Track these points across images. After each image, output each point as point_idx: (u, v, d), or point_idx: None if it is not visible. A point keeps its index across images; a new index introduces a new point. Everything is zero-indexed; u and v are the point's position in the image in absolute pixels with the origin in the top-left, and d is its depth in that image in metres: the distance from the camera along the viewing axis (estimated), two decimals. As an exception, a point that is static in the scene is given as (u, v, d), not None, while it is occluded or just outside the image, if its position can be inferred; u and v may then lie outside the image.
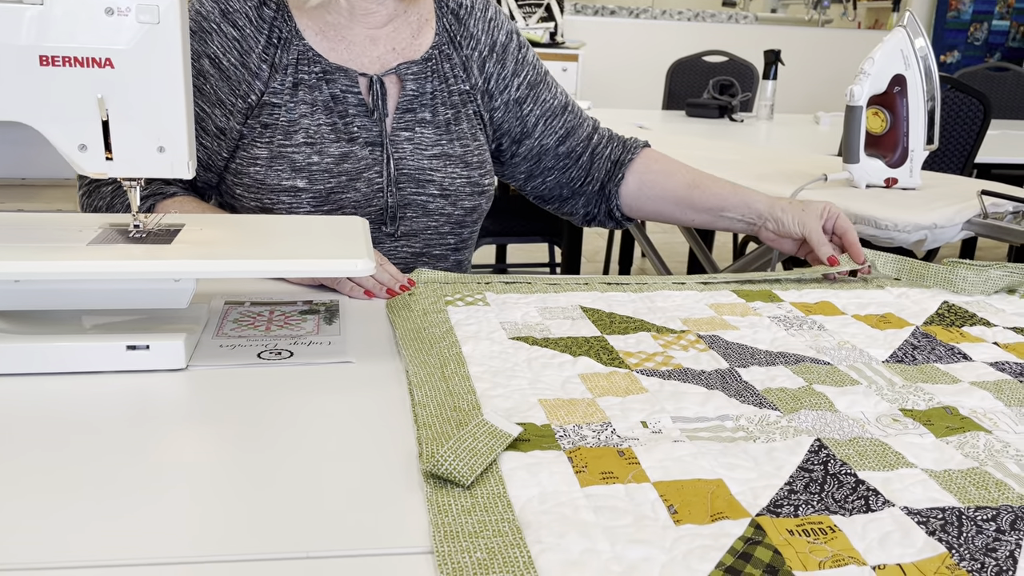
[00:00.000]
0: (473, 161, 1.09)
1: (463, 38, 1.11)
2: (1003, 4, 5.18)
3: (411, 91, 1.07)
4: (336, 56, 1.04)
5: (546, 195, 1.22)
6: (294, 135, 1.01)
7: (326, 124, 1.02)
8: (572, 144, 1.18)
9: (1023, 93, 3.76)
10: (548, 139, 1.17)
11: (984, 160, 2.46)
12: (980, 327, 0.87)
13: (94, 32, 0.68)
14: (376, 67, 1.06)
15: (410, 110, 1.06)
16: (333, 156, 1.01)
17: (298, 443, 0.59)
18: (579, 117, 1.19)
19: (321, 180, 1.01)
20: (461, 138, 1.09)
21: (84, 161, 0.71)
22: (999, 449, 0.60)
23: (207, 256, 0.70)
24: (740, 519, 0.50)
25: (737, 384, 0.70)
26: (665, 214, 1.17)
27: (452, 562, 0.46)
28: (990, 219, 1.25)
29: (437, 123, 1.08)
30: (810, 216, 1.04)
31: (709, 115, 2.95)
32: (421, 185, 1.06)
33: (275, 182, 1.00)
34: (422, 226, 1.07)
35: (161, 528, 0.48)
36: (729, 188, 1.11)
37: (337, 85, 1.03)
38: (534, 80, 1.16)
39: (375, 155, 1.03)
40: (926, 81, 1.44)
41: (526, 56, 1.16)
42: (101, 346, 0.68)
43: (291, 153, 1.00)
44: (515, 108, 1.15)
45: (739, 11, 5.39)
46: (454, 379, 0.68)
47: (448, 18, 1.12)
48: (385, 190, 1.04)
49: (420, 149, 1.06)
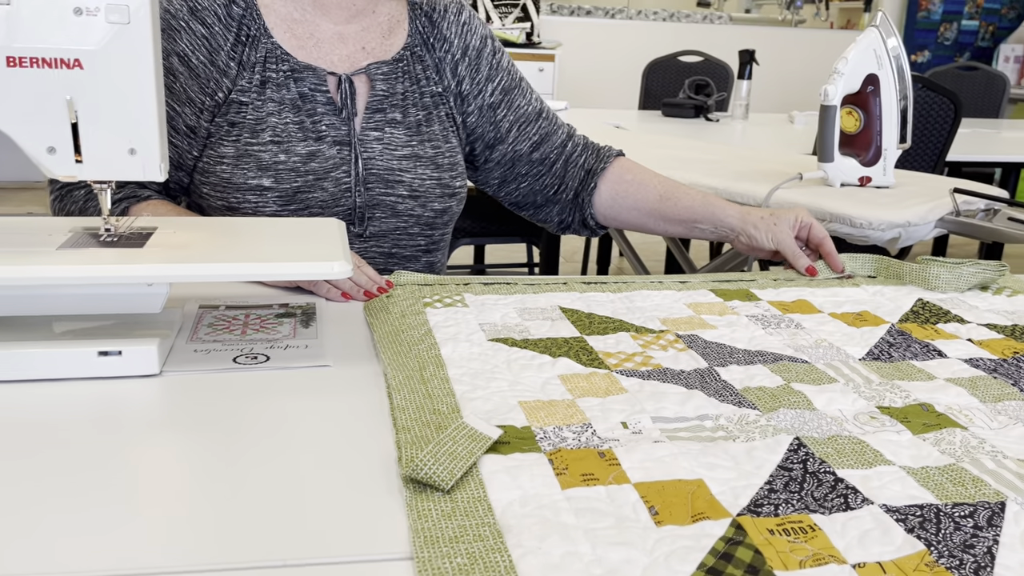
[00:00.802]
0: (444, 163, 1.09)
1: (436, 40, 1.11)
2: (972, 4, 5.25)
3: (381, 91, 1.06)
4: (304, 54, 1.04)
5: (520, 202, 1.21)
6: (261, 133, 1.00)
7: (293, 123, 1.01)
8: (546, 151, 1.17)
9: (992, 92, 3.81)
10: (522, 145, 1.16)
11: (955, 158, 2.49)
12: (954, 324, 0.88)
13: (63, 32, 0.66)
14: (345, 66, 1.06)
15: (380, 110, 1.06)
16: (300, 155, 1.01)
17: (275, 449, 0.58)
18: (553, 124, 1.19)
19: (287, 179, 1.00)
20: (432, 140, 1.08)
21: (53, 164, 0.70)
22: (975, 445, 0.61)
23: (180, 259, 0.69)
24: (721, 519, 0.50)
25: (716, 383, 0.70)
26: (639, 224, 1.17)
27: (432, 568, 0.45)
28: (962, 217, 1.27)
29: (408, 124, 1.07)
30: (782, 230, 1.04)
31: (685, 115, 2.97)
32: (390, 185, 1.05)
33: (241, 181, 1.00)
34: (391, 227, 1.07)
35: (134, 538, 0.47)
36: (700, 200, 1.10)
37: (305, 83, 1.02)
38: (508, 86, 1.16)
39: (343, 154, 1.03)
40: (898, 80, 1.45)
41: (500, 61, 1.16)
42: (72, 352, 0.67)
43: (258, 152, 1.00)
44: (489, 113, 1.14)
45: (713, 11, 5.43)
46: (433, 382, 0.68)
47: (421, 20, 1.11)
48: (353, 190, 1.03)
49: (390, 149, 1.05)
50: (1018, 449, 0.60)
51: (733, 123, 2.92)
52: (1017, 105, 5.13)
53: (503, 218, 2.62)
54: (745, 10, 5.97)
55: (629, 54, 4.91)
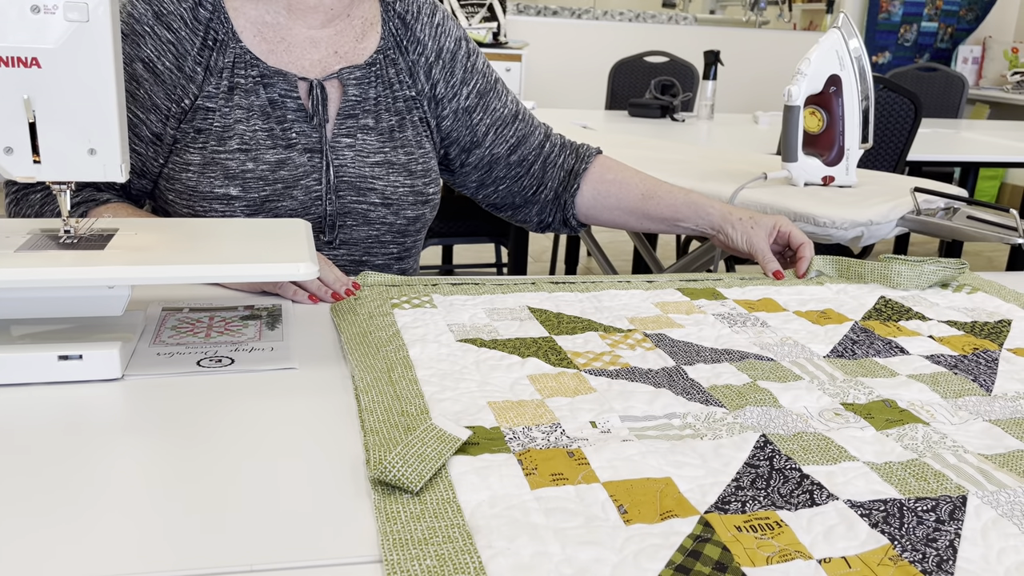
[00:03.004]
0: (417, 169, 1.07)
1: (410, 43, 1.09)
2: (931, 6, 5.35)
3: (353, 96, 1.04)
4: (275, 59, 1.02)
5: (498, 203, 1.20)
6: (228, 141, 0.98)
7: (262, 130, 0.99)
8: (524, 153, 1.17)
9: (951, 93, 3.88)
10: (499, 148, 1.15)
11: (915, 158, 2.54)
12: (916, 321, 0.89)
13: (20, 30, 0.65)
14: (317, 71, 1.03)
15: (352, 116, 1.04)
16: (269, 163, 0.99)
17: (240, 453, 0.57)
18: (530, 125, 1.18)
19: (255, 188, 0.98)
20: (405, 146, 1.07)
21: (10, 164, 0.68)
22: (936, 440, 0.62)
23: (142, 261, 0.67)
24: (689, 517, 0.51)
25: (683, 382, 0.70)
26: (621, 223, 1.17)
27: (402, 570, 0.45)
28: (923, 215, 1.29)
29: (380, 130, 1.06)
30: (758, 235, 1.05)
31: (651, 115, 2.98)
32: (362, 193, 1.04)
33: (207, 189, 0.98)
34: (363, 235, 1.05)
35: (97, 545, 0.47)
36: (682, 198, 1.11)
37: (275, 89, 1.00)
38: (484, 88, 1.14)
39: (314, 162, 1.01)
40: (860, 81, 1.47)
41: (475, 64, 1.14)
42: (31, 356, 0.65)
43: (224, 160, 0.98)
44: (464, 117, 1.13)
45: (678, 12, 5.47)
46: (401, 383, 0.67)
47: (395, 22, 1.09)
48: (324, 198, 1.01)
49: (362, 156, 1.04)
50: (979, 444, 0.62)
51: (698, 123, 2.94)
52: (975, 106, 5.24)
53: (471, 218, 2.62)
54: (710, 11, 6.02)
55: (595, 54, 4.93)
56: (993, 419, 0.66)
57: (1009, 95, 4.98)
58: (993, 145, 2.78)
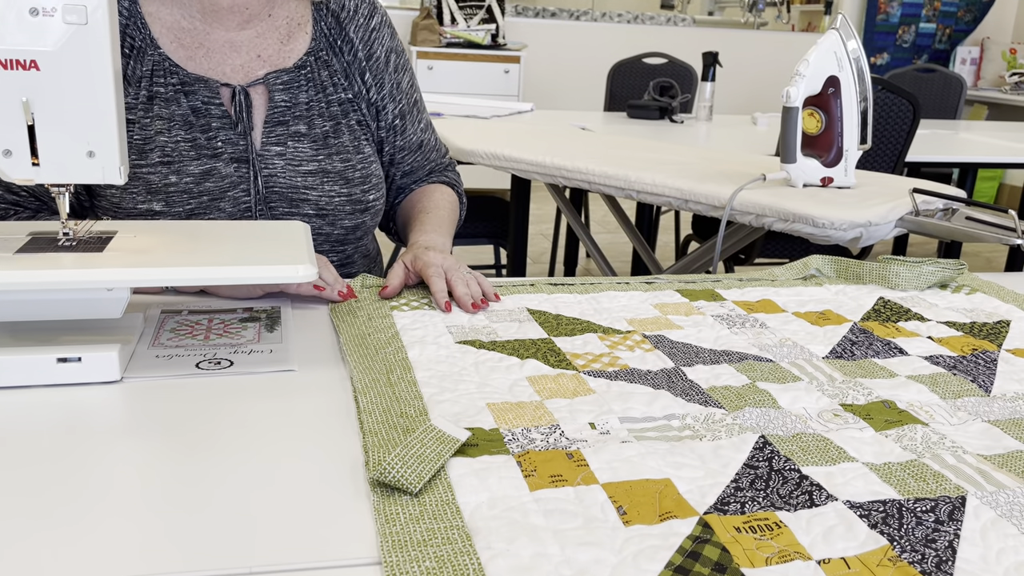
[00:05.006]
0: (355, 177, 1.02)
1: (344, 43, 1.04)
2: (929, 7, 5.36)
3: (282, 102, 0.99)
4: (195, 66, 0.97)
5: None
6: (149, 154, 0.94)
7: (185, 140, 0.95)
8: (407, 182, 1.15)
9: (949, 94, 3.89)
10: (393, 170, 1.13)
11: (914, 159, 2.54)
12: (915, 322, 0.89)
13: (18, 33, 0.65)
14: (240, 76, 0.99)
15: (282, 123, 0.99)
16: (193, 175, 0.95)
17: (239, 455, 0.57)
18: (426, 158, 1.15)
19: (180, 202, 0.94)
20: (341, 152, 1.02)
21: (9, 167, 0.68)
22: (936, 441, 0.62)
23: (141, 264, 0.67)
24: (688, 518, 0.51)
25: (683, 383, 0.70)
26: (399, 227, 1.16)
27: (401, 572, 0.45)
28: (921, 216, 1.29)
29: (314, 136, 1.00)
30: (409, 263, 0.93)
31: (650, 116, 2.99)
32: (295, 204, 0.99)
33: (131, 206, 0.94)
34: None
35: (96, 547, 0.47)
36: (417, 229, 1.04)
37: (197, 97, 0.96)
38: (404, 109, 1.10)
39: (241, 172, 0.96)
40: (859, 82, 1.48)
41: (401, 81, 1.09)
42: (30, 359, 0.65)
43: (146, 174, 0.93)
44: (389, 134, 1.09)
45: (677, 13, 5.47)
46: (400, 385, 0.68)
47: (328, 20, 1.04)
48: (254, 209, 0.97)
49: (293, 165, 0.99)
50: (977, 444, 0.62)
51: (697, 124, 2.94)
52: (973, 106, 5.25)
53: (470, 219, 2.62)
54: (708, 12, 6.03)
55: (594, 56, 4.93)
56: (992, 420, 0.66)
57: (1007, 96, 4.99)
58: (991, 146, 2.78)
